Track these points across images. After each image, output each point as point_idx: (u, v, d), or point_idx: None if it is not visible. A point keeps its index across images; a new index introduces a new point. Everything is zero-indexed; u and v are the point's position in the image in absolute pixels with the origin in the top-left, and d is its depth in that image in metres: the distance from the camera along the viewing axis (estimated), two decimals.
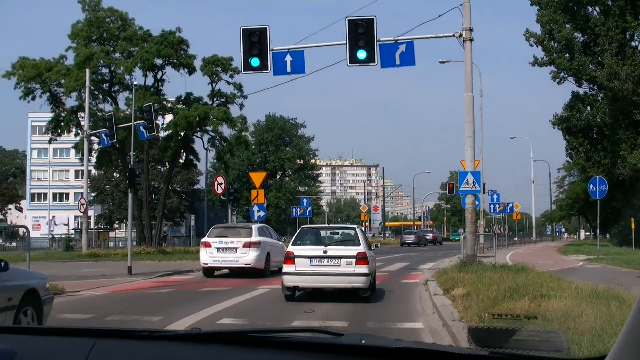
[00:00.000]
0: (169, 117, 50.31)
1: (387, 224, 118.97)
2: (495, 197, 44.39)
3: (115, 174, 76.60)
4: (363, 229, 23.41)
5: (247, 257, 21.39)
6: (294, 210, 51.94)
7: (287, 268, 14.36)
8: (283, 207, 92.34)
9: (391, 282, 19.49)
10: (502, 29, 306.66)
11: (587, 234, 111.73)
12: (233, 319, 11.40)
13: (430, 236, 73.64)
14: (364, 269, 14.01)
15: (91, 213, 63.36)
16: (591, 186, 25.79)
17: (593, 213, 77.68)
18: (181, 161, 54.47)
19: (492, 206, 45.25)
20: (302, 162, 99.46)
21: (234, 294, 15.87)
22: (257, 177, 32.40)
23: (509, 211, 48.30)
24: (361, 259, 14.09)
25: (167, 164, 57.81)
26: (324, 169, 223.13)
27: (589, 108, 42.77)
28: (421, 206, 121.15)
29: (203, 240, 22.79)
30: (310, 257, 14.29)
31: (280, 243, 24.65)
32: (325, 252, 14.37)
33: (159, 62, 48.31)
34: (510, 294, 10.97)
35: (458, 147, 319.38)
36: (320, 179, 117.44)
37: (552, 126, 43.61)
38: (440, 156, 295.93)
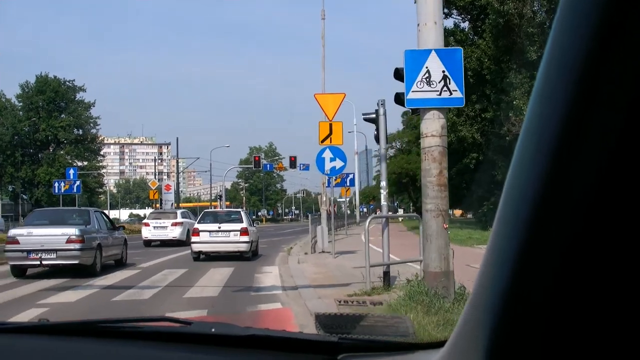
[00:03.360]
0: None
1: (180, 204, 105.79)
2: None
3: None
4: (246, 211, 33.95)
5: (174, 232, 30.65)
6: (57, 184, 37.25)
7: (194, 239, 21.41)
8: None
9: None
10: None
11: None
12: None
13: None
14: (245, 238, 21.06)
15: None
16: None
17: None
18: None
19: (328, 179, 34.05)
20: (81, 131, 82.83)
21: None
22: None
23: (348, 184, 37.42)
24: (244, 231, 21.07)
25: None
26: (111, 146, 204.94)
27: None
28: (217, 185, 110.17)
29: (144, 221, 33.70)
30: (210, 231, 21.14)
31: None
32: (219, 227, 21.29)
33: None
34: None
35: (255, 124, 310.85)
36: (107, 157, 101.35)
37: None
38: (240, 133, 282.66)
